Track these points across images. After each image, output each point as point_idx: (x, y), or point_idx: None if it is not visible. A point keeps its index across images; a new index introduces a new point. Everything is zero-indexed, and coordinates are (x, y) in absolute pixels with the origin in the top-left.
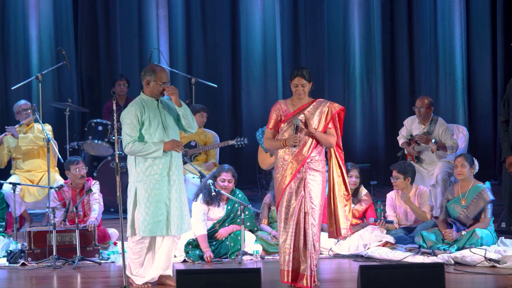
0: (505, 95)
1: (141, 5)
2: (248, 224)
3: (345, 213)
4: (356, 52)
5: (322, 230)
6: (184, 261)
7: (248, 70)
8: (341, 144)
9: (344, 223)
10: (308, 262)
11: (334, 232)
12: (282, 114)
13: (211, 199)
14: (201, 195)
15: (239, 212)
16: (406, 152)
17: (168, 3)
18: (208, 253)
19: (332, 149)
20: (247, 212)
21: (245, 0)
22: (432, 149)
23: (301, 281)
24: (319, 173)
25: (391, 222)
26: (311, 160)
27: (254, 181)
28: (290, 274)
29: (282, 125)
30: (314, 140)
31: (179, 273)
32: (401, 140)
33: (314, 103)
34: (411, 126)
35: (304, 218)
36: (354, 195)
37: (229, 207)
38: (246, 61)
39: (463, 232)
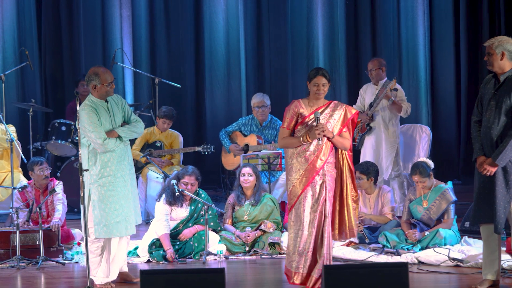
0: (478, 95)
1: (104, 5)
2: (211, 224)
3: (356, 213)
4: (320, 52)
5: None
6: (148, 261)
7: (211, 70)
8: (351, 146)
9: (356, 225)
10: (320, 263)
11: (347, 233)
12: (300, 116)
13: (174, 199)
14: (164, 195)
15: (202, 212)
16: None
17: (132, 3)
18: (170, 251)
19: (342, 150)
20: (210, 212)
21: (209, 0)
22: (392, 85)
23: (309, 282)
24: (331, 175)
25: None
26: (329, 163)
27: (218, 181)
28: (303, 276)
29: (300, 127)
30: (330, 143)
31: (143, 273)
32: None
33: (330, 105)
34: (365, 93)
35: (324, 221)
36: None
37: (192, 207)
38: (210, 61)
39: (426, 232)
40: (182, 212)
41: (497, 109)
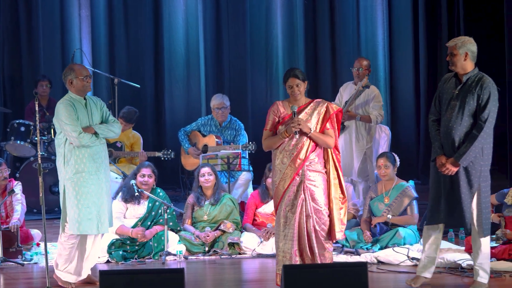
0: (436, 94)
1: (63, 5)
2: (170, 223)
3: (340, 216)
4: (279, 52)
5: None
6: (108, 261)
7: (171, 70)
8: (338, 146)
9: (339, 227)
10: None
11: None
12: (280, 116)
13: (130, 197)
14: (120, 193)
15: (160, 210)
16: None
17: (91, 4)
18: (135, 231)
19: (329, 151)
20: (168, 211)
21: (168, 0)
22: (363, 83)
23: None
24: (318, 173)
25: None
26: (310, 163)
27: (177, 181)
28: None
29: (280, 127)
30: (311, 142)
31: (102, 273)
32: None
33: (311, 104)
34: (344, 91)
35: (306, 222)
36: None
37: (150, 204)
38: (169, 62)
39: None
40: (139, 209)
41: (460, 109)
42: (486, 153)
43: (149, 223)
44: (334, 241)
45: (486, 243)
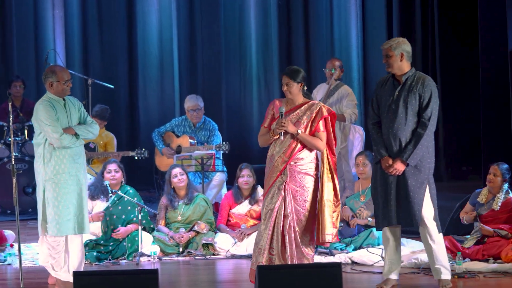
0: (374, 97)
1: (37, 5)
2: (144, 222)
3: (332, 219)
4: (253, 52)
5: None
6: None
7: (145, 70)
8: (334, 149)
9: (329, 229)
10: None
11: (318, 238)
12: (275, 113)
13: (97, 194)
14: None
15: (130, 207)
16: None
17: (64, 4)
18: (95, 215)
19: (325, 153)
20: (141, 211)
21: (142, 0)
22: (332, 84)
23: None
24: (308, 175)
25: None
26: (296, 162)
27: (151, 182)
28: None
29: (274, 123)
30: (298, 143)
31: (76, 274)
32: None
33: (305, 105)
34: (318, 93)
35: (283, 221)
36: (251, 196)
37: (115, 199)
38: (143, 62)
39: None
40: (105, 205)
41: (403, 110)
42: (431, 151)
43: (114, 217)
44: (324, 244)
45: (440, 240)
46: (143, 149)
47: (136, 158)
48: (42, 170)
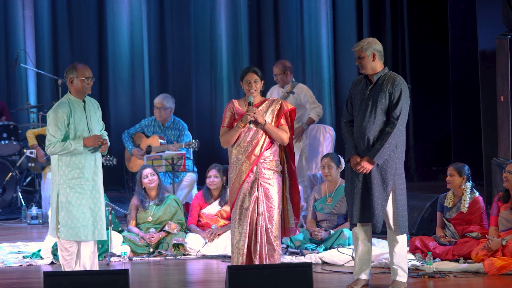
0: (348, 96)
1: (6, 6)
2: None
3: (292, 212)
4: (223, 53)
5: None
6: (52, 263)
7: (115, 71)
8: (292, 144)
9: (292, 223)
10: (257, 262)
11: (283, 232)
12: (236, 113)
13: None
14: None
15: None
16: None
17: (34, 4)
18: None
19: (284, 149)
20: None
21: (112, 1)
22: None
23: None
24: (274, 172)
25: None
26: (265, 160)
27: (121, 182)
28: None
29: (236, 123)
30: (267, 139)
31: (46, 275)
32: None
33: (266, 102)
34: (271, 95)
35: (257, 219)
36: (221, 196)
37: None
38: (113, 63)
39: (331, 231)
40: None
41: (373, 108)
42: (400, 151)
43: None
44: (290, 234)
45: (403, 242)
46: (112, 156)
47: (104, 164)
48: (57, 173)
